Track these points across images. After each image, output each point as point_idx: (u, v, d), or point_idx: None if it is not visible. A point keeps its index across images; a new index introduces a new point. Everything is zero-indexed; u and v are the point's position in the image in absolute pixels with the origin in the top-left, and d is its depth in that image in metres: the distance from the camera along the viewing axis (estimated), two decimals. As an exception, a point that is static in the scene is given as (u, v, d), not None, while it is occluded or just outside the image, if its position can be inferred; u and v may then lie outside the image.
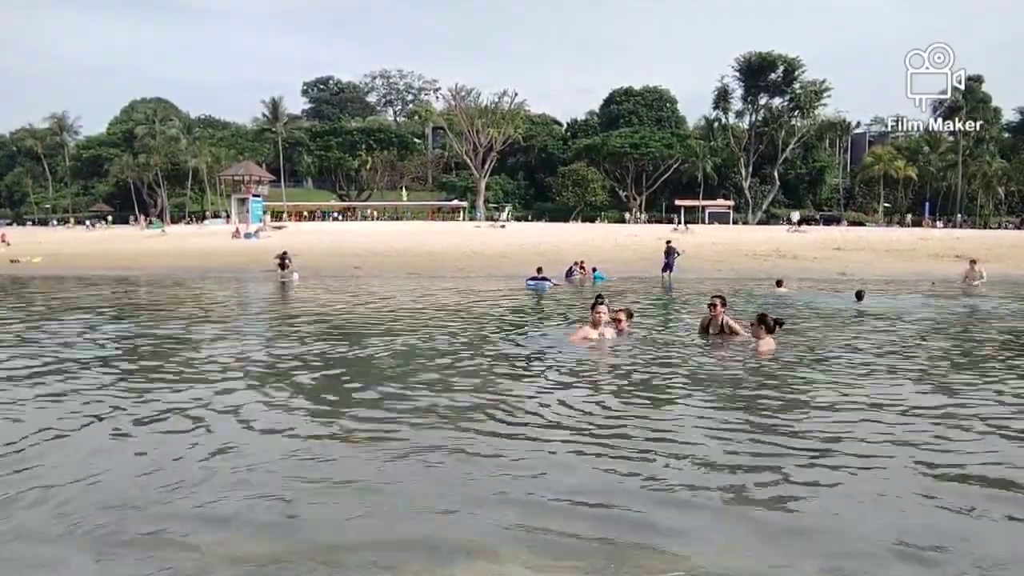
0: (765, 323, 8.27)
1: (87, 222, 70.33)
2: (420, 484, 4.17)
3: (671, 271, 24.21)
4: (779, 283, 18.92)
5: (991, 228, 63.59)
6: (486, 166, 74.91)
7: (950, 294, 18.71)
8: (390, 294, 17.70)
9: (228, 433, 5.22)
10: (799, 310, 14.17)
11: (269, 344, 9.75)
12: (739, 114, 77.62)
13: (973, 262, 22.75)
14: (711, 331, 9.49)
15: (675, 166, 74.72)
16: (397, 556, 3.26)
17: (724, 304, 9.71)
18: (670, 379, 7.22)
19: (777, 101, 75.82)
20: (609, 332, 9.17)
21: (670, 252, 24.64)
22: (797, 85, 73.83)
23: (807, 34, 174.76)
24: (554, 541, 3.40)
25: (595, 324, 9.10)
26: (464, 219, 70.62)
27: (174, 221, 70.41)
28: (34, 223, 79.55)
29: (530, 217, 76.42)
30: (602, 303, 9.31)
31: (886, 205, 75.27)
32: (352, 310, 14.08)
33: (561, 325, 11.78)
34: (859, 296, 15.23)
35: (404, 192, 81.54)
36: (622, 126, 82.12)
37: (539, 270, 20.89)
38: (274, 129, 77.62)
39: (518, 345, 9.34)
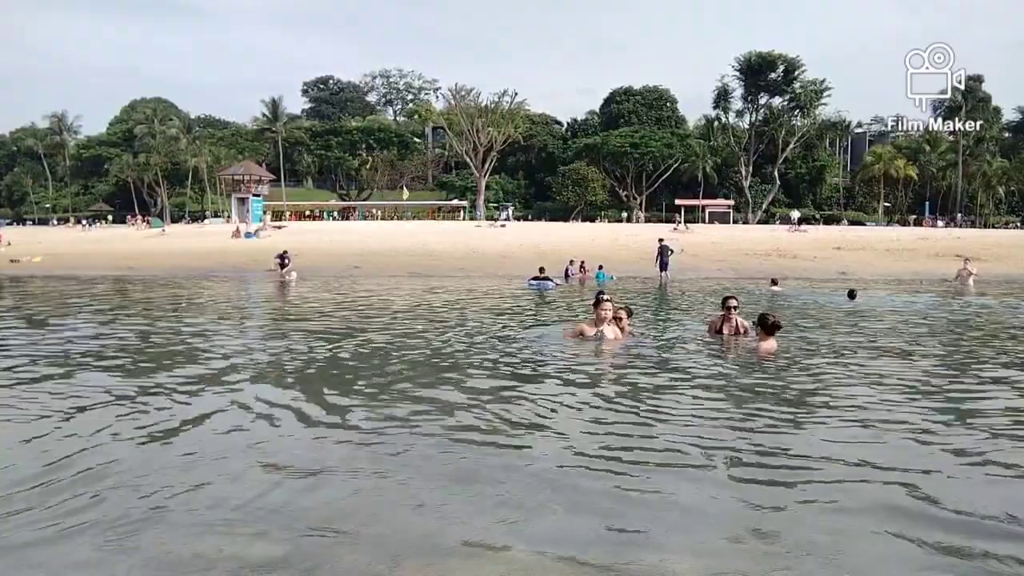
0: (764, 324, 8.45)
1: (83, 222, 70.03)
2: (419, 482, 4.19)
3: (667, 270, 24.24)
4: (774, 282, 19.04)
5: (993, 227, 63.52)
6: (486, 166, 74.98)
7: (944, 292, 18.77)
8: (390, 293, 17.73)
9: (226, 432, 5.25)
10: (795, 309, 14.19)
11: (268, 343, 9.75)
12: (739, 113, 77.73)
13: (966, 261, 24.09)
14: (726, 332, 9.46)
15: (675, 166, 74.80)
16: (397, 555, 3.28)
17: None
18: (671, 379, 7.22)
19: (777, 100, 75.84)
20: (609, 331, 9.08)
21: (663, 251, 24.67)
22: (797, 84, 73.81)
23: (807, 34, 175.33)
24: (552, 541, 3.42)
25: (598, 322, 9.07)
26: (464, 219, 70.68)
27: (174, 220, 70.40)
28: (34, 223, 79.53)
29: (530, 217, 76.48)
30: (606, 300, 9.25)
31: (886, 204, 75.30)
32: (352, 309, 14.10)
33: (560, 323, 11.78)
34: (851, 295, 15.46)
35: (404, 192, 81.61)
36: (622, 126, 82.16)
37: (541, 270, 20.88)
38: (274, 129, 77.67)
39: (518, 344, 9.35)
